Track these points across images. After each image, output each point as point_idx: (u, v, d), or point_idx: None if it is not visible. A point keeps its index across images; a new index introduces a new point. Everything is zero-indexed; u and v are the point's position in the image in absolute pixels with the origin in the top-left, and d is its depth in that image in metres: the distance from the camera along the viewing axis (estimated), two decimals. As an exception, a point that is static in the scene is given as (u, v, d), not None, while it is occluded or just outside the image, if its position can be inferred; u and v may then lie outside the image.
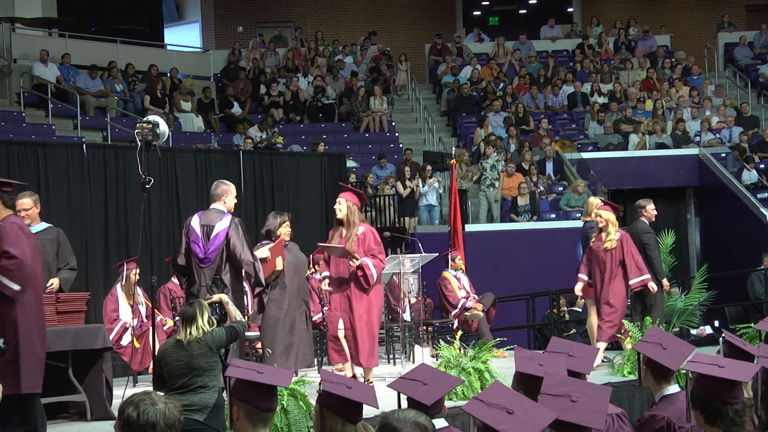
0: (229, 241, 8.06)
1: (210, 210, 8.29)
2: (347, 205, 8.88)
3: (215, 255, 8.09)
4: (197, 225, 8.21)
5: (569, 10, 27.72)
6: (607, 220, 10.18)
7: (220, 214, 8.21)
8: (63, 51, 19.27)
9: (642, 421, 4.62)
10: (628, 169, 19.24)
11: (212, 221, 8.17)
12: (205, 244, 8.12)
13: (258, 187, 14.04)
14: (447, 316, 12.06)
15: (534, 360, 4.50)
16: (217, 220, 8.16)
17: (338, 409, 3.72)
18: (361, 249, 8.79)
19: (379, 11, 26.57)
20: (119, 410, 3.38)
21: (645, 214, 10.93)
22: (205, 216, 8.25)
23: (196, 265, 8.14)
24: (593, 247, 10.28)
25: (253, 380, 3.87)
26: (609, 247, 10.12)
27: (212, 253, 8.10)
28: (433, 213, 17.01)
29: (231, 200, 8.37)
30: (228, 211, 8.27)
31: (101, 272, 11.99)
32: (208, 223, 8.18)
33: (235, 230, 8.10)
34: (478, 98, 21.48)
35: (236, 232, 8.09)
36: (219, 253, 8.08)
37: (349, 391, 3.74)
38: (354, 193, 9.14)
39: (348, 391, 3.74)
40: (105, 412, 7.68)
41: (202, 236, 8.15)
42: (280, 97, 20.91)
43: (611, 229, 10.16)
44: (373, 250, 8.87)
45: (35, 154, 11.77)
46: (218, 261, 8.08)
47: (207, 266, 8.11)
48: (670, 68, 22.88)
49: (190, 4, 27.05)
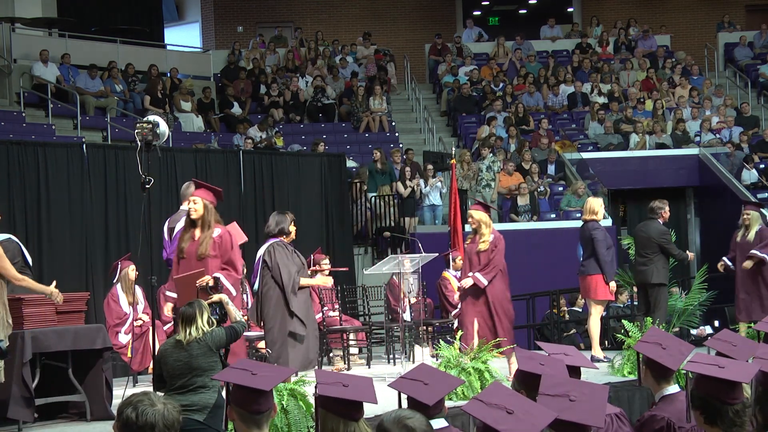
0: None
1: (178, 211, 8.33)
2: (204, 203, 7.89)
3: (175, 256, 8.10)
4: (165, 228, 8.29)
5: (569, 10, 27.72)
6: (480, 220, 9.53)
7: (183, 213, 8.21)
8: (63, 51, 19.27)
9: (642, 421, 4.62)
10: (628, 169, 19.23)
11: (174, 222, 8.22)
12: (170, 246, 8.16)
13: (258, 187, 14.05)
14: (447, 316, 12.06)
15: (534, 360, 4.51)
16: (178, 220, 8.19)
17: (337, 410, 3.71)
18: (218, 253, 7.82)
19: (379, 11, 26.57)
20: (118, 411, 3.38)
21: (664, 215, 11.05)
22: (172, 219, 8.31)
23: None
24: (467, 249, 9.78)
25: (240, 384, 3.88)
26: (482, 249, 9.46)
27: (172, 253, 8.11)
28: (437, 212, 17.00)
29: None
30: None
31: (101, 272, 11.99)
32: (173, 225, 8.22)
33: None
34: (478, 98, 21.49)
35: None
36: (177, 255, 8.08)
37: (345, 390, 3.71)
38: (209, 189, 8.09)
39: (344, 390, 3.71)
40: (105, 412, 7.69)
41: (168, 239, 8.20)
42: (280, 97, 20.92)
43: (485, 230, 9.52)
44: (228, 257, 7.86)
45: (35, 154, 11.77)
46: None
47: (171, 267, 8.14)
48: (670, 68, 22.88)
49: (190, 4, 27.05)
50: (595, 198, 11.56)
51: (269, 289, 8.61)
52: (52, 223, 11.70)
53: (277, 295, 8.63)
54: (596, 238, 10.52)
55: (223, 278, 7.76)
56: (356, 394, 3.74)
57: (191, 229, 7.93)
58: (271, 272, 8.57)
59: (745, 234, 11.22)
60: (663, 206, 11.10)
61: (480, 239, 9.52)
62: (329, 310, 11.42)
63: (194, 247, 7.84)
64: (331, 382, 3.78)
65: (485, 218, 9.55)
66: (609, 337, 12.64)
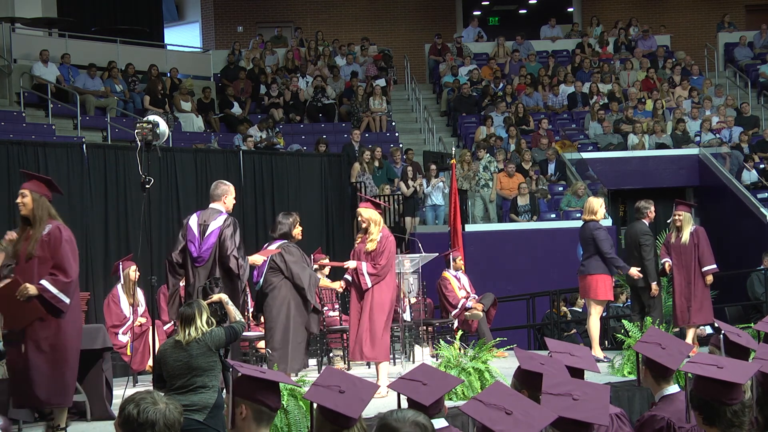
0: (221, 240, 8.07)
1: (208, 209, 8.32)
2: (33, 197, 6.84)
3: (209, 254, 8.10)
4: (195, 224, 8.24)
5: (569, 10, 27.73)
6: (369, 219, 8.83)
7: (216, 213, 8.22)
8: (63, 51, 19.27)
9: (642, 421, 4.62)
10: (628, 169, 19.23)
11: (208, 220, 8.19)
12: (200, 243, 8.14)
13: (258, 187, 14.06)
14: (447, 316, 12.06)
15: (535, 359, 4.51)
16: (213, 219, 8.18)
17: (326, 415, 3.66)
18: (46, 254, 6.80)
19: (379, 11, 26.57)
20: (120, 407, 3.39)
21: (650, 215, 11.01)
22: (203, 215, 8.29)
23: (191, 264, 8.16)
24: (355, 249, 9.00)
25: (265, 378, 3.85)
26: (370, 249, 8.76)
27: (205, 251, 8.11)
28: (439, 212, 17.00)
29: (230, 200, 8.39)
30: (227, 211, 8.29)
31: (101, 272, 12.01)
32: (204, 222, 8.20)
33: (229, 229, 8.10)
34: (478, 98, 21.49)
35: (230, 231, 8.09)
36: (212, 252, 8.09)
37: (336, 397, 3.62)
38: (41, 180, 7.06)
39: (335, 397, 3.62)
40: (105, 412, 7.69)
41: (198, 235, 8.17)
42: (280, 98, 20.92)
43: (373, 229, 8.79)
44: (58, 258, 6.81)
45: (35, 154, 11.78)
46: (212, 260, 8.09)
47: (201, 265, 8.13)
48: (670, 68, 22.88)
49: (190, 4, 27.05)
50: (596, 198, 11.57)
51: (274, 288, 8.61)
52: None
53: (283, 296, 8.62)
54: (599, 237, 10.51)
55: (49, 284, 6.74)
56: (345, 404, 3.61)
57: (26, 228, 6.92)
58: (284, 273, 8.57)
59: (678, 236, 10.91)
60: (648, 206, 11.09)
61: (368, 238, 8.81)
62: (329, 310, 11.42)
63: (24, 248, 6.84)
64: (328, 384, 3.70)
65: (375, 216, 8.82)
66: (609, 337, 12.63)
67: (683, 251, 10.86)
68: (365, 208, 8.88)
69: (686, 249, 10.85)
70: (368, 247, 8.74)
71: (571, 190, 17.42)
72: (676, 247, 10.91)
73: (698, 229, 11.04)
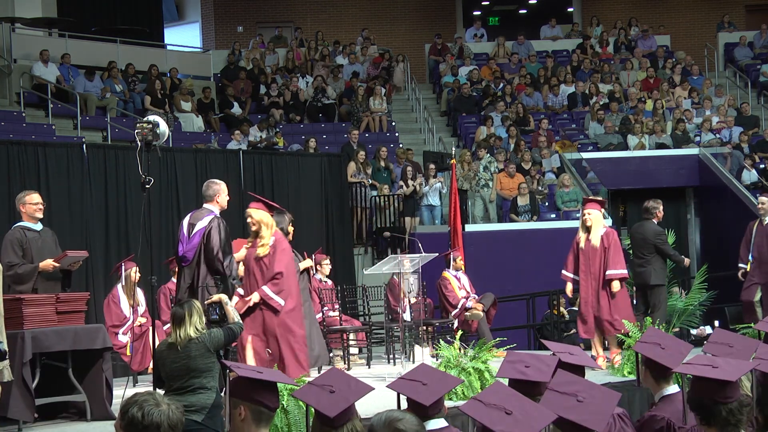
0: (207, 240, 8.06)
1: (200, 210, 8.33)
2: None
3: (192, 254, 8.10)
4: (185, 224, 8.28)
5: (569, 10, 27.73)
6: (260, 221, 8.31)
7: (205, 213, 8.22)
8: (63, 51, 19.27)
9: (642, 421, 4.62)
10: (628, 169, 19.23)
11: (196, 221, 8.21)
12: (187, 243, 8.15)
13: (258, 187, 14.04)
14: (447, 316, 12.06)
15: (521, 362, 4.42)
16: (200, 219, 8.19)
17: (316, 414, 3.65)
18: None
19: (379, 11, 26.57)
20: (122, 409, 3.37)
21: (658, 215, 10.97)
22: (194, 215, 8.31)
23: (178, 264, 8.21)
24: (246, 255, 8.43)
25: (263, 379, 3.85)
26: (261, 254, 8.24)
27: (189, 251, 8.11)
28: (435, 213, 17.01)
29: (224, 199, 8.38)
30: (221, 210, 8.30)
31: (101, 272, 12.01)
32: (193, 222, 8.22)
33: (216, 229, 8.09)
34: (478, 98, 21.49)
35: (216, 231, 8.08)
36: (196, 253, 8.08)
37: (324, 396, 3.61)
38: None
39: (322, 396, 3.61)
40: (105, 412, 7.69)
41: (186, 235, 8.19)
42: (280, 98, 20.91)
43: (265, 233, 8.29)
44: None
45: (35, 154, 11.78)
46: (196, 260, 8.09)
47: (186, 265, 8.15)
48: (670, 68, 22.88)
49: (190, 4, 27.04)
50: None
51: None
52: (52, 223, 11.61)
53: None
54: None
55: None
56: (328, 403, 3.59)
57: None
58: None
59: (588, 238, 9.96)
60: (657, 206, 11.01)
61: (259, 243, 8.29)
62: (329, 310, 11.42)
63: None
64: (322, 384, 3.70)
65: (267, 218, 8.32)
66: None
67: (592, 255, 9.96)
68: (256, 209, 8.37)
69: (596, 253, 9.94)
70: (259, 252, 8.26)
71: (558, 182, 17.43)
72: (587, 252, 9.98)
73: (609, 231, 10.16)
